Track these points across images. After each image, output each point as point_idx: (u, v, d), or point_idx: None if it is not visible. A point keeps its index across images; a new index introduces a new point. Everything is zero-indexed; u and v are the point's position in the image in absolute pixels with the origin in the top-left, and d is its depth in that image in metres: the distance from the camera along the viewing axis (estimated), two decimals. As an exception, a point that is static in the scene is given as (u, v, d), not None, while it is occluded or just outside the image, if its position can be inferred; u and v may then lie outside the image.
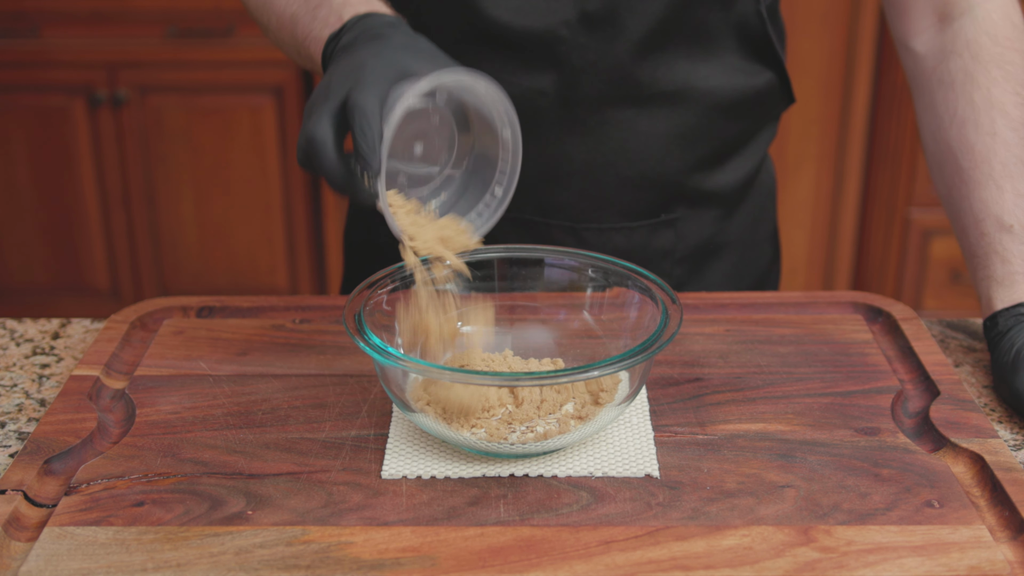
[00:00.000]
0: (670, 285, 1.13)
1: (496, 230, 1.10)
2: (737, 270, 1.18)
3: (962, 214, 0.99)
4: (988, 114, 0.99)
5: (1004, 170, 0.97)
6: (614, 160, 1.06)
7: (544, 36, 1.01)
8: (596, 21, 1.01)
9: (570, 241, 1.10)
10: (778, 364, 0.93)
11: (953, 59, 1.02)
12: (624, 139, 1.06)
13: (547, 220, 1.09)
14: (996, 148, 0.98)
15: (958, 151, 1.00)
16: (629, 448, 0.81)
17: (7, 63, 2.40)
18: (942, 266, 2.49)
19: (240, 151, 2.46)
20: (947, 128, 1.01)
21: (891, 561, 0.69)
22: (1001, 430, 0.86)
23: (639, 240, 1.10)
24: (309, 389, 0.89)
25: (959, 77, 1.01)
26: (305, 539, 0.71)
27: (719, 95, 1.06)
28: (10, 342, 1.01)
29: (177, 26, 2.37)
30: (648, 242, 1.11)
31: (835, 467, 0.79)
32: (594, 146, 1.06)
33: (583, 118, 1.05)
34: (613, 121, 1.05)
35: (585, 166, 1.07)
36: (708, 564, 0.69)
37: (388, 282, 0.87)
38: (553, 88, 1.04)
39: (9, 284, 2.59)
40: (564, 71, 1.03)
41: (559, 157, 1.06)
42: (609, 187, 1.08)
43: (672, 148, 1.07)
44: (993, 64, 1.01)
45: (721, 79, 1.06)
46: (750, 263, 1.19)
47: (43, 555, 0.70)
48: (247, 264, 2.56)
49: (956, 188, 1.00)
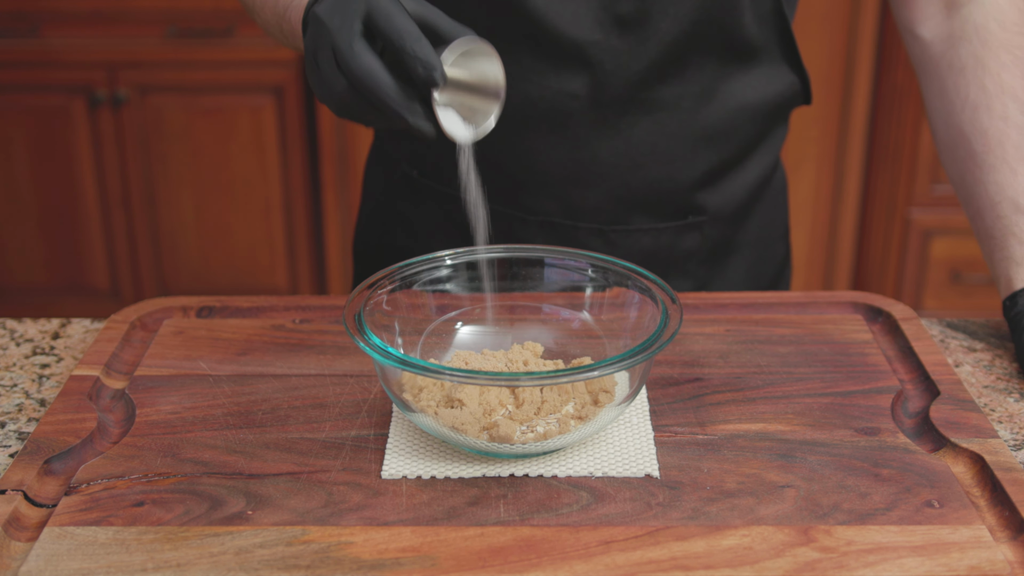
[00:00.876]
0: (695, 285, 1.13)
1: (523, 232, 1.10)
2: (756, 268, 1.18)
3: (976, 197, 1.00)
4: (1000, 99, 1.00)
5: (1017, 153, 0.98)
6: (642, 162, 1.07)
7: (577, 38, 1.01)
8: (628, 23, 1.01)
9: (597, 243, 1.09)
10: (778, 364, 0.93)
11: (963, 45, 1.03)
12: (654, 142, 1.06)
13: (575, 223, 1.09)
14: (1009, 132, 0.99)
15: (971, 135, 1.01)
16: (629, 448, 0.81)
17: (7, 63, 2.40)
18: (942, 266, 2.49)
19: (240, 151, 2.46)
20: (959, 113, 1.02)
21: (891, 561, 0.69)
22: (1001, 430, 0.86)
23: (666, 241, 1.11)
24: (309, 389, 0.89)
25: (969, 63, 1.02)
26: (305, 539, 0.71)
27: (746, 97, 1.07)
28: (10, 342, 1.01)
29: (177, 26, 2.37)
30: (675, 243, 1.11)
31: (835, 467, 0.79)
32: (623, 148, 1.06)
33: (613, 121, 1.05)
34: (643, 123, 1.05)
35: (614, 168, 1.07)
36: (708, 564, 0.69)
37: (388, 282, 0.87)
38: (584, 90, 1.04)
39: (9, 284, 2.59)
40: (596, 73, 1.03)
41: (588, 159, 1.06)
42: (637, 189, 1.08)
43: (700, 149, 1.07)
44: (1003, 49, 1.01)
45: (749, 81, 1.07)
46: (767, 261, 1.20)
47: (43, 555, 0.70)
48: (247, 264, 2.56)
49: (969, 172, 1.01)
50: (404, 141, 1.15)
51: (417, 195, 1.15)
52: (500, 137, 1.05)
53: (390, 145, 1.17)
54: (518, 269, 0.92)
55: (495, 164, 1.07)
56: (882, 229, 2.49)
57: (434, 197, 1.13)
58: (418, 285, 0.89)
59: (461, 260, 0.91)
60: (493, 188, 1.09)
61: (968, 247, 2.47)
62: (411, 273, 0.89)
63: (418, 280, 0.89)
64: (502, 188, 1.08)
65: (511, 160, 1.07)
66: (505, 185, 1.09)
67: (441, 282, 0.91)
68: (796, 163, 2.47)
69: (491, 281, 0.90)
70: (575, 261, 0.91)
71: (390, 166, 1.17)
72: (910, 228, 2.46)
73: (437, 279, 0.90)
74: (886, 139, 2.43)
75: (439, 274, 0.90)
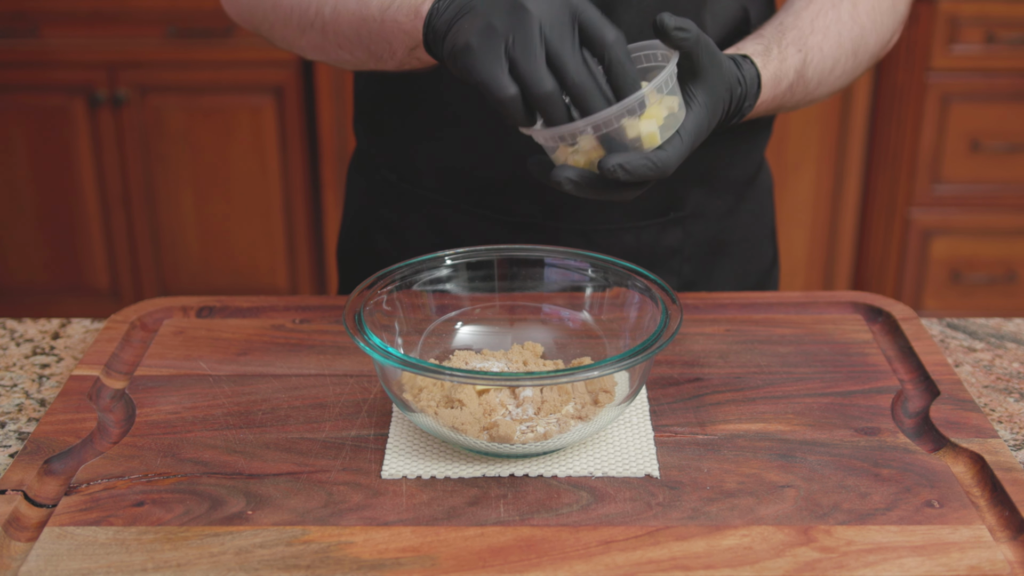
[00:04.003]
0: (680, 283, 1.13)
1: (502, 234, 1.10)
2: (742, 268, 1.18)
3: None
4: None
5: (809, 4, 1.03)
6: None
7: None
8: None
9: (579, 243, 1.09)
10: (778, 364, 0.93)
11: None
12: None
13: (556, 223, 1.09)
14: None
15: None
16: (629, 448, 0.81)
17: (7, 63, 2.40)
18: (942, 266, 2.49)
19: (240, 151, 2.46)
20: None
21: (891, 561, 0.69)
22: (1001, 430, 0.86)
23: (648, 239, 1.11)
24: (309, 389, 0.89)
25: None
26: (305, 539, 0.71)
27: None
28: (10, 342, 1.01)
29: (177, 26, 2.37)
30: (657, 241, 1.11)
31: (835, 467, 0.79)
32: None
33: None
34: None
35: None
36: (708, 564, 0.69)
37: (388, 282, 0.87)
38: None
39: (9, 284, 2.59)
40: None
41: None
42: None
43: None
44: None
45: None
46: (753, 261, 1.20)
47: (43, 555, 0.70)
48: (247, 264, 2.56)
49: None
50: (385, 146, 1.14)
51: (398, 200, 1.14)
52: (477, 139, 1.05)
53: (373, 150, 1.17)
54: (518, 269, 0.92)
55: (474, 166, 1.07)
56: (882, 229, 2.49)
57: (415, 202, 1.13)
58: (418, 285, 0.90)
59: (461, 260, 0.91)
60: (473, 190, 1.09)
61: (968, 247, 2.48)
62: (411, 273, 0.89)
63: (418, 280, 0.90)
64: (481, 190, 1.08)
65: (489, 162, 1.07)
66: (484, 187, 1.08)
67: (441, 282, 0.91)
68: (796, 163, 2.47)
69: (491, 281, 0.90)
70: (575, 261, 0.91)
71: (371, 171, 1.17)
72: (910, 228, 2.46)
73: (437, 279, 0.90)
74: (886, 139, 2.43)
75: (439, 274, 0.90)
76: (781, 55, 0.96)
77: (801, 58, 0.98)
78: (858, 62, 1.06)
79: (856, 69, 1.07)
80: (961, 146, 2.40)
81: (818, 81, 1.02)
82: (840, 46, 1.03)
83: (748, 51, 0.94)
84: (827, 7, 1.03)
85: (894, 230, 2.47)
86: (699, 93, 0.83)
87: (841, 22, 1.03)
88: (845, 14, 1.03)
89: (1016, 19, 2.32)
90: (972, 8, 2.30)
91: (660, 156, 0.78)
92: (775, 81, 0.95)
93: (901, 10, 1.10)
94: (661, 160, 0.78)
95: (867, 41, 1.06)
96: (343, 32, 0.97)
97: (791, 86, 0.98)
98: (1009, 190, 2.43)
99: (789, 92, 0.98)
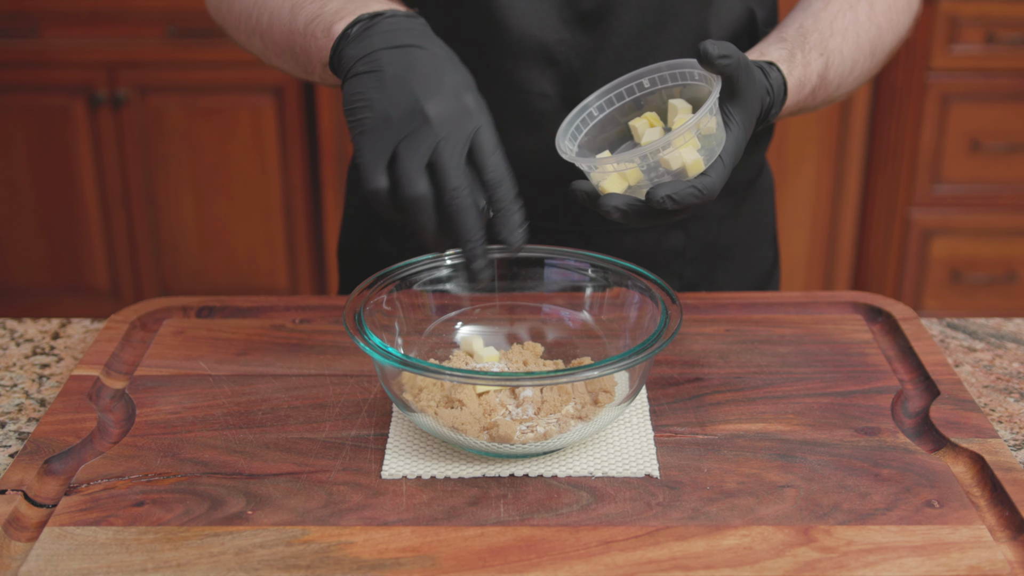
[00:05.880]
0: (681, 286, 1.13)
1: None
2: (743, 271, 1.18)
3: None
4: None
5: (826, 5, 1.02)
6: None
7: (542, 38, 1.01)
8: (591, 19, 1.01)
9: (579, 244, 1.09)
10: (778, 364, 0.93)
11: None
12: None
13: (556, 225, 1.09)
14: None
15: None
16: (629, 448, 0.81)
17: (7, 63, 2.40)
18: (942, 266, 2.49)
19: (240, 151, 2.46)
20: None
21: (891, 561, 0.69)
22: (1001, 430, 0.86)
23: (649, 241, 1.10)
24: (309, 389, 0.89)
25: None
26: (305, 539, 0.71)
27: None
28: (10, 342, 1.01)
29: (177, 26, 2.37)
30: (658, 243, 1.11)
31: (835, 467, 0.79)
32: None
33: None
34: None
35: None
36: (708, 564, 0.69)
37: (388, 282, 0.87)
38: (554, 89, 1.03)
39: (9, 284, 2.59)
40: (564, 71, 1.03)
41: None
42: None
43: None
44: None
45: None
46: (754, 264, 1.19)
47: (43, 555, 0.70)
48: (247, 264, 2.56)
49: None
50: None
51: None
52: None
53: None
54: (518, 269, 0.92)
55: None
56: (882, 229, 2.49)
57: None
58: (418, 285, 0.90)
59: (461, 260, 0.91)
60: None
61: (968, 247, 2.48)
62: (411, 273, 0.89)
63: (418, 280, 0.90)
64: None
65: None
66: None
67: (441, 282, 0.91)
68: (796, 163, 2.47)
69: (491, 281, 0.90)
70: (575, 261, 0.91)
71: None
72: (910, 228, 2.46)
73: (437, 279, 0.90)
74: (886, 139, 2.43)
75: (439, 274, 0.90)
76: (805, 60, 0.96)
77: (823, 62, 0.98)
78: (875, 62, 1.06)
79: (873, 69, 1.07)
80: (961, 146, 2.40)
81: (838, 83, 1.02)
82: (859, 47, 1.03)
83: (773, 57, 0.94)
84: (845, 8, 1.03)
85: (894, 230, 2.47)
86: (736, 114, 0.84)
87: (859, 23, 1.03)
88: (863, 15, 1.03)
89: (1016, 19, 2.32)
90: (972, 8, 2.30)
91: (705, 183, 0.80)
92: (799, 87, 0.95)
93: (915, 7, 1.11)
94: (706, 187, 0.80)
95: (884, 40, 1.06)
96: (276, 41, 0.99)
97: (814, 90, 0.98)
98: (1009, 190, 2.43)
99: (811, 96, 0.98)
